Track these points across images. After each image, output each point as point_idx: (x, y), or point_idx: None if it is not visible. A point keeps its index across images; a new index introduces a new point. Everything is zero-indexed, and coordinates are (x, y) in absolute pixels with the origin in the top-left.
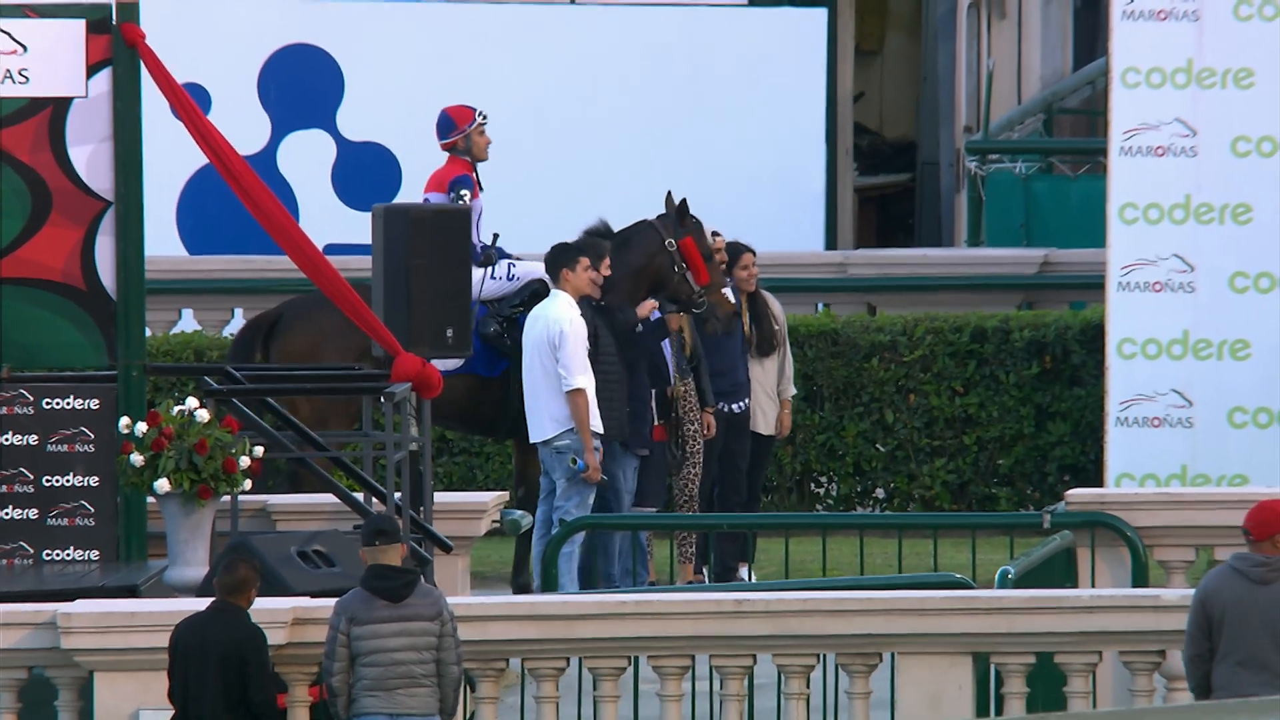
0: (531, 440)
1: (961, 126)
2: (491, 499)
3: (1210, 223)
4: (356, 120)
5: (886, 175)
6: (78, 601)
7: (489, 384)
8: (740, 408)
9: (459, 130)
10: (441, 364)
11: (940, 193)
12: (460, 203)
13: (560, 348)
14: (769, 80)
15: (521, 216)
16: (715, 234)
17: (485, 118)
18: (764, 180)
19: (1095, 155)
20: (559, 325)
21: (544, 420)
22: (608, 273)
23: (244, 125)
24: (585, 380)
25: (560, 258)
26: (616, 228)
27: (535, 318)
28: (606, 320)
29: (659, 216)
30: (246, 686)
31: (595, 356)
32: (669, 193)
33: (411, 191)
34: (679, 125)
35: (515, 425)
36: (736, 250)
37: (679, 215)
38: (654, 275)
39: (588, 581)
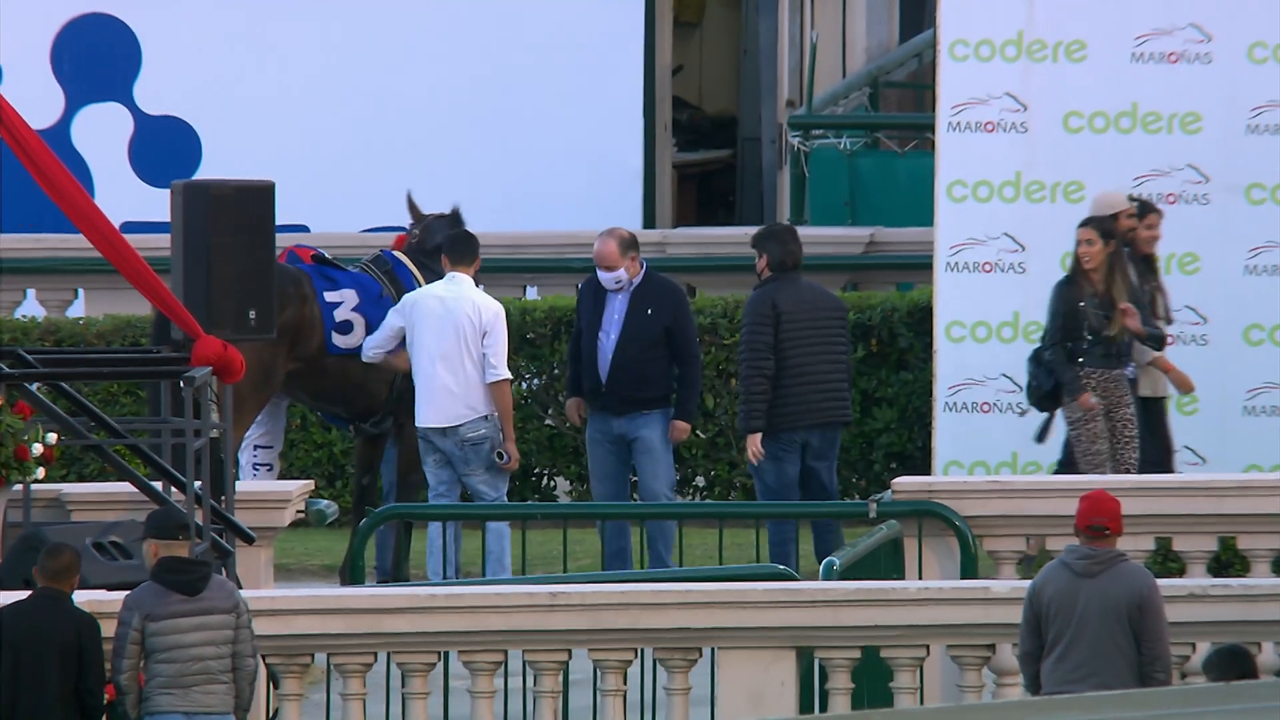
0: (441, 424)
1: (784, 101)
2: (296, 488)
3: (1041, 201)
4: (155, 93)
5: (706, 151)
6: None
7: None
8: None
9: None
10: (342, 341)
11: (762, 169)
12: None
13: (491, 334)
14: (583, 52)
15: (324, 193)
16: (1133, 198)
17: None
18: (578, 156)
19: (923, 131)
20: (492, 311)
21: (458, 407)
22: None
23: (36, 98)
24: (508, 371)
25: (471, 246)
26: (420, 203)
27: (455, 297)
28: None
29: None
30: (82, 676)
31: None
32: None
33: (212, 167)
34: (488, 98)
35: (395, 407)
36: (1145, 209)
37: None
38: None
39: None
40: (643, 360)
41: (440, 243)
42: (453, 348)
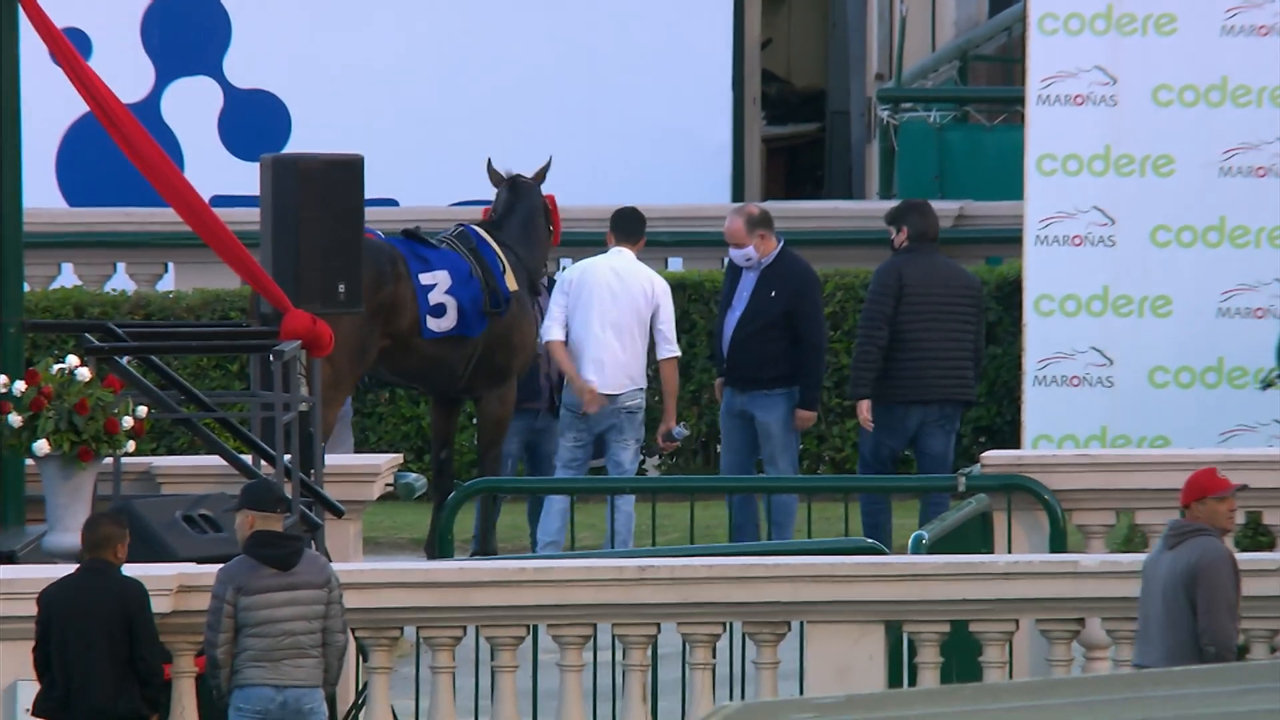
0: (608, 391)
1: (873, 74)
2: (385, 461)
3: (1131, 174)
4: (244, 67)
5: (795, 125)
6: None
7: (466, 342)
8: None
9: None
10: (436, 325)
11: (851, 143)
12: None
13: (662, 309)
14: (672, 26)
15: (413, 167)
16: None
17: None
18: (668, 130)
19: (1012, 104)
20: (662, 286)
21: (620, 376)
22: None
23: (126, 72)
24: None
25: (638, 223)
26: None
27: (629, 271)
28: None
29: (516, 176)
30: (134, 644)
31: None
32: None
33: (301, 140)
34: (577, 72)
35: (472, 382)
36: None
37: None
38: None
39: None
40: (760, 339)
41: (514, 215)
42: (626, 318)
